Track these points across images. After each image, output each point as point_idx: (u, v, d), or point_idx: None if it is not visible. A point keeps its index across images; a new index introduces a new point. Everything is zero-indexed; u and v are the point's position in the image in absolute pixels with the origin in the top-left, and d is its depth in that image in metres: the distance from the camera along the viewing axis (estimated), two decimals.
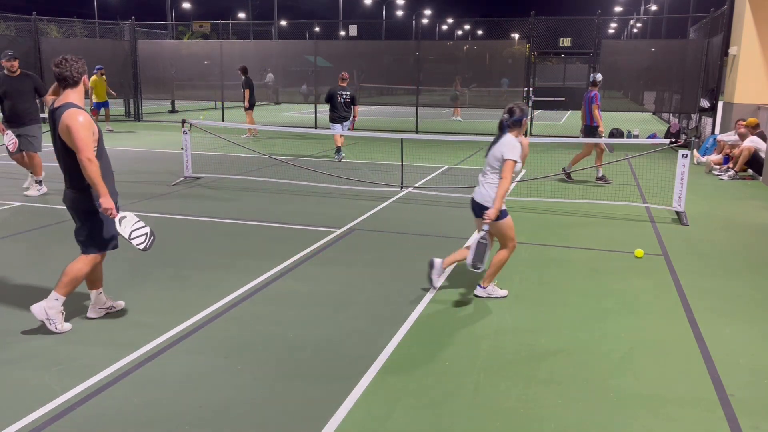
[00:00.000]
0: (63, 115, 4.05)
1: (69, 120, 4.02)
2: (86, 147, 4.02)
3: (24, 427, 3.16)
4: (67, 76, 4.14)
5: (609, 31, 44.86)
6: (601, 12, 17.20)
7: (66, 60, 4.14)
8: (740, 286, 5.48)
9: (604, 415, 3.37)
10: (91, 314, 4.57)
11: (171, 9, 45.42)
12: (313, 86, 20.79)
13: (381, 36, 31.55)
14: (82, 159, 4.02)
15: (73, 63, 4.15)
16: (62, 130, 4.06)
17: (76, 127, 4.00)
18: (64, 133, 4.07)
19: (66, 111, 4.05)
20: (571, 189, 9.68)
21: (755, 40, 13.44)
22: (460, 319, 4.64)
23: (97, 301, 4.57)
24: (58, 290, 4.27)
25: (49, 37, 24.09)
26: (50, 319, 4.24)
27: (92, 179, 4.05)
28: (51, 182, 9.05)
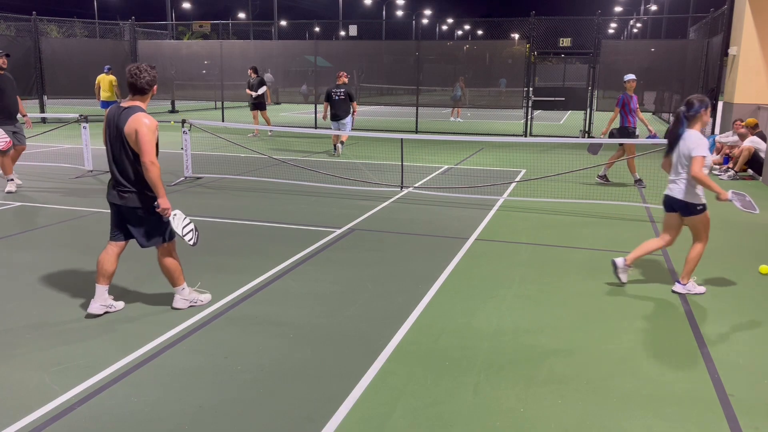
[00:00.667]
0: (130, 118, 4.27)
1: (137, 124, 4.24)
2: (151, 150, 4.28)
3: (24, 427, 3.16)
4: (137, 84, 4.38)
5: (609, 31, 44.88)
6: (601, 12, 17.21)
7: (139, 69, 4.38)
8: (740, 286, 5.49)
9: (604, 415, 3.37)
10: (93, 309, 4.59)
11: (171, 9, 45.42)
12: (313, 86, 20.80)
13: (381, 36, 31.57)
14: (146, 162, 4.27)
15: (146, 74, 4.40)
16: (129, 132, 4.27)
17: (143, 131, 4.23)
18: (130, 132, 4.27)
19: (134, 115, 4.28)
20: (571, 189, 9.68)
21: (755, 40, 13.44)
22: (460, 320, 4.64)
23: (100, 296, 4.63)
24: (176, 285, 4.72)
25: (49, 37, 24.08)
26: (192, 302, 4.75)
27: (153, 181, 4.33)
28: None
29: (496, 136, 17.03)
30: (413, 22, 25.05)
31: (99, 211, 7.99)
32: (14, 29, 21.92)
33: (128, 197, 4.44)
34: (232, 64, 20.56)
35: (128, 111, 4.33)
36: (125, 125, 4.28)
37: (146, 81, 4.39)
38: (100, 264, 4.60)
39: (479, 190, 9.39)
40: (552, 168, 11.02)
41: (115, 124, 4.36)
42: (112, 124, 4.39)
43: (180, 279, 4.72)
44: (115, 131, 4.36)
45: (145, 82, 4.38)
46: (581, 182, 10.32)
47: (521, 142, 16.23)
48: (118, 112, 4.39)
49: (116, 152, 4.40)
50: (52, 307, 4.77)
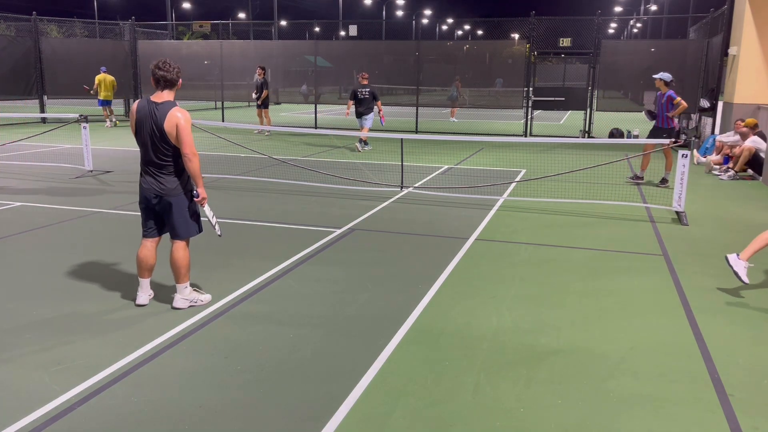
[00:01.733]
0: (168, 112, 4.41)
1: (175, 119, 4.39)
2: (191, 142, 4.45)
3: (24, 427, 3.16)
4: (169, 78, 4.49)
5: (609, 31, 44.87)
6: (601, 12, 17.21)
7: (168, 63, 4.49)
8: (740, 286, 5.48)
9: (604, 415, 3.37)
10: (142, 301, 4.81)
11: (171, 9, 45.42)
12: (313, 86, 20.79)
13: (381, 36, 31.56)
14: (188, 153, 4.43)
15: (174, 66, 4.52)
16: (169, 128, 4.41)
17: (182, 125, 4.39)
18: (170, 129, 4.41)
19: (171, 109, 4.43)
20: (571, 189, 9.68)
21: (755, 40, 13.44)
22: (460, 319, 4.64)
23: (146, 288, 4.85)
24: (180, 282, 4.74)
25: (49, 37, 24.08)
26: (192, 302, 4.76)
27: (194, 171, 4.50)
28: None
29: (496, 136, 17.04)
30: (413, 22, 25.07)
31: (99, 211, 7.99)
32: (14, 29, 21.92)
33: (164, 189, 4.57)
34: (232, 64, 20.55)
35: (164, 106, 4.44)
36: (164, 121, 4.40)
37: (176, 73, 4.52)
38: (141, 261, 4.74)
39: (479, 190, 9.39)
40: (552, 168, 11.02)
41: (150, 119, 4.45)
42: (146, 118, 4.47)
43: (186, 277, 4.75)
44: (152, 126, 4.45)
45: (175, 74, 4.51)
46: (581, 182, 10.32)
47: (521, 142, 16.23)
48: (151, 107, 4.46)
49: (153, 146, 4.50)
50: (52, 307, 4.78)
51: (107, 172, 10.82)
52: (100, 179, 10.23)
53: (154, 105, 4.46)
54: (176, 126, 4.38)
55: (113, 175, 10.59)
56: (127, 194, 9.04)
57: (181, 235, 4.71)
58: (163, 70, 4.45)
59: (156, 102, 4.47)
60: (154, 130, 4.44)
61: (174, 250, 4.74)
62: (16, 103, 24.22)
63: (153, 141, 4.48)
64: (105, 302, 4.88)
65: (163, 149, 4.48)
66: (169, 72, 4.47)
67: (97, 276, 5.50)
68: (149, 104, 4.49)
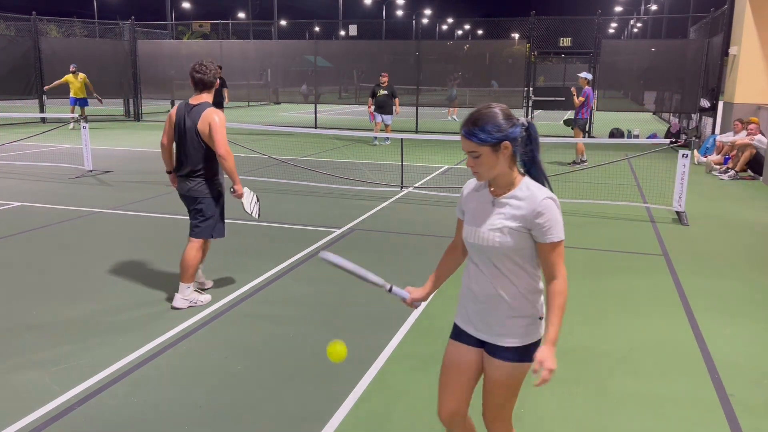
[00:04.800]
0: (203, 113, 4.53)
1: (209, 119, 4.50)
2: (225, 142, 4.54)
3: (24, 427, 3.16)
4: (206, 80, 4.60)
5: (609, 30, 44.86)
6: (601, 12, 17.21)
7: (204, 65, 4.60)
8: (740, 286, 5.48)
9: (604, 415, 3.36)
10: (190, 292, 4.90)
11: (171, 9, 45.42)
12: (313, 86, 20.79)
13: (381, 36, 31.53)
14: (221, 153, 4.53)
15: (211, 68, 4.62)
16: (203, 128, 4.53)
17: (215, 125, 4.49)
18: (203, 128, 4.52)
19: (206, 110, 4.54)
20: (571, 189, 9.67)
21: (755, 40, 13.44)
22: None
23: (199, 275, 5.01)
24: (184, 281, 4.73)
25: (49, 36, 24.08)
26: (192, 300, 4.77)
27: (229, 170, 4.60)
28: None
29: None
30: (413, 21, 25.06)
31: (99, 211, 7.99)
32: (14, 29, 21.93)
33: (195, 187, 4.68)
34: (232, 64, 20.54)
35: (198, 108, 4.56)
36: (199, 121, 4.52)
37: (213, 75, 4.62)
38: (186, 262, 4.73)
39: None
40: (552, 168, 11.01)
41: (186, 120, 4.58)
42: (181, 120, 4.62)
43: (192, 277, 4.77)
44: (186, 127, 4.59)
45: (212, 75, 4.61)
46: (581, 182, 10.32)
47: None
48: (187, 109, 4.60)
49: (188, 146, 4.62)
50: (52, 307, 4.77)
51: (107, 172, 10.82)
52: (99, 179, 10.23)
53: (190, 107, 4.60)
54: (209, 125, 4.48)
55: (113, 175, 10.59)
56: (127, 194, 9.04)
57: (197, 233, 4.78)
58: (200, 72, 4.57)
59: (192, 104, 4.61)
60: (189, 130, 4.56)
61: (188, 248, 4.77)
62: (16, 103, 24.22)
63: (187, 142, 4.60)
64: (105, 302, 4.88)
65: (196, 150, 4.59)
66: (206, 74, 4.57)
67: (96, 276, 5.50)
68: (186, 107, 4.63)
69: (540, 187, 2.25)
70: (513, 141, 2.17)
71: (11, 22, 22.30)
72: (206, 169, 4.66)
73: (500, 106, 2.18)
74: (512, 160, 2.23)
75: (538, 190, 2.23)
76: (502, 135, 2.15)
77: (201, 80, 4.58)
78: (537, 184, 2.27)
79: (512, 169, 2.24)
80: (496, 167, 2.20)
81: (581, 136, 12.13)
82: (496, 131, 2.14)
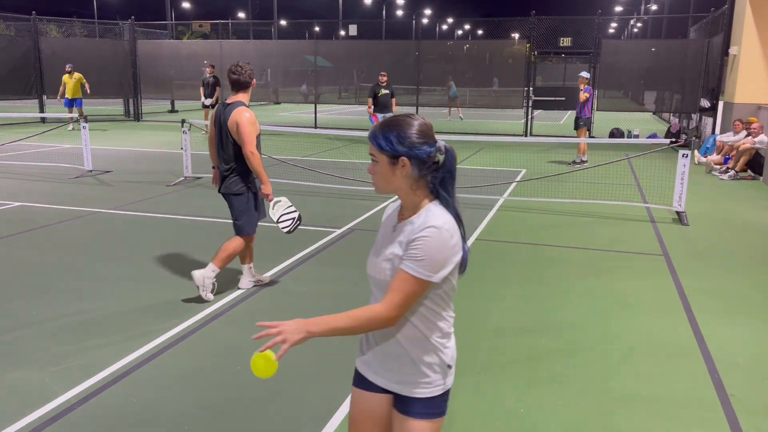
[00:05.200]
0: (234, 111, 4.64)
1: (238, 117, 4.61)
2: (251, 141, 4.63)
3: (24, 427, 3.16)
4: (241, 80, 4.73)
5: (609, 30, 44.86)
6: (602, 12, 17.21)
7: (241, 66, 4.74)
8: (740, 286, 5.48)
9: (604, 415, 3.36)
10: (242, 285, 5.13)
11: (171, 9, 45.42)
12: (313, 86, 20.78)
13: (381, 36, 31.52)
14: (247, 152, 4.63)
15: (247, 68, 4.75)
16: (231, 125, 4.63)
17: (243, 123, 4.59)
18: (232, 126, 4.63)
19: (238, 108, 4.65)
20: (571, 189, 9.67)
21: (756, 40, 13.44)
22: (460, 319, 4.63)
23: (247, 273, 5.15)
24: (215, 263, 4.83)
25: (49, 36, 24.08)
26: (204, 286, 4.83)
27: (255, 168, 4.70)
28: None
29: (496, 136, 17.03)
30: (413, 21, 25.07)
31: (99, 211, 7.99)
32: (14, 29, 21.93)
33: (228, 184, 4.82)
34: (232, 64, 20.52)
35: (232, 106, 4.69)
36: (229, 119, 4.64)
37: (249, 75, 4.74)
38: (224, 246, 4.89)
39: (479, 190, 9.38)
40: (552, 168, 11.01)
41: (221, 118, 4.72)
42: (218, 119, 4.76)
43: (222, 262, 4.86)
44: (220, 125, 4.73)
45: (248, 76, 4.74)
46: (581, 182, 10.32)
47: (521, 142, 16.23)
48: (223, 108, 4.74)
49: (220, 145, 4.78)
50: (52, 307, 4.77)
51: (107, 172, 10.82)
52: (99, 179, 10.23)
53: (225, 106, 4.74)
54: (237, 123, 4.58)
55: (113, 175, 10.59)
56: (126, 194, 9.04)
57: (236, 231, 4.93)
58: (236, 73, 4.70)
59: (228, 103, 4.74)
60: (223, 128, 4.70)
61: (233, 237, 4.95)
62: (16, 103, 24.22)
63: (221, 140, 4.75)
64: (105, 302, 4.88)
65: (228, 148, 4.71)
66: (241, 75, 4.71)
67: (96, 276, 5.50)
68: (223, 105, 4.76)
69: (438, 216, 1.90)
70: (415, 160, 1.88)
71: (11, 22, 22.30)
72: (237, 166, 4.76)
73: (422, 121, 1.92)
74: (418, 182, 1.93)
75: (433, 217, 1.89)
76: (403, 149, 1.87)
77: (237, 81, 4.72)
78: (442, 211, 1.93)
79: (416, 191, 1.94)
80: (392, 182, 1.92)
81: (585, 136, 12.10)
82: (398, 143, 1.87)
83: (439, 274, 1.90)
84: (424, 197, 1.96)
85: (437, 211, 1.92)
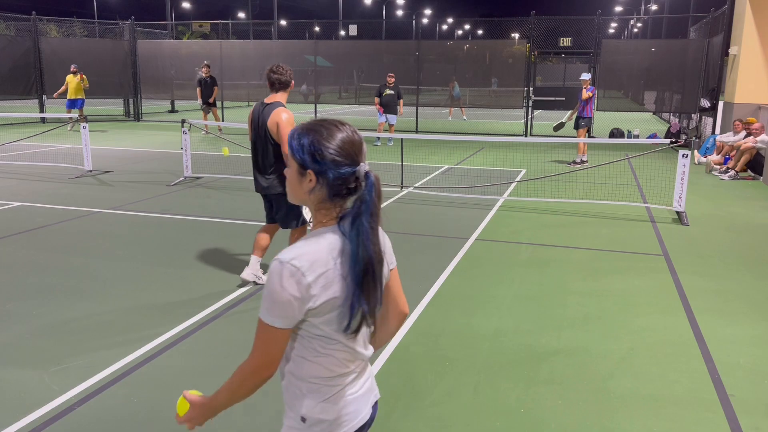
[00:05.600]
0: (273, 111, 4.74)
1: (277, 117, 4.70)
2: None
3: (24, 428, 3.16)
4: (282, 80, 4.83)
5: (609, 30, 44.87)
6: (602, 12, 17.21)
7: (281, 67, 4.85)
8: (741, 286, 5.48)
9: (604, 415, 3.36)
10: (245, 275, 5.16)
11: (171, 9, 45.41)
12: (313, 86, 20.78)
13: (381, 36, 31.53)
14: (285, 151, 4.52)
15: (286, 69, 4.86)
16: (271, 125, 4.73)
17: (282, 123, 4.68)
18: (272, 126, 4.73)
19: (277, 108, 4.75)
20: (571, 189, 9.68)
21: (756, 40, 13.44)
22: (460, 319, 4.64)
23: (254, 264, 5.16)
24: (255, 253, 5.08)
25: (49, 36, 24.08)
26: (259, 277, 5.14)
27: None
28: None
29: (496, 136, 17.03)
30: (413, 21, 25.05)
31: (98, 211, 7.99)
32: (14, 29, 21.91)
33: (269, 184, 4.91)
34: (232, 64, 20.54)
35: (271, 106, 4.77)
36: (269, 119, 4.73)
37: (289, 76, 4.85)
38: (256, 239, 5.13)
39: (479, 190, 9.39)
40: (552, 168, 11.01)
41: (259, 119, 4.81)
42: (257, 119, 4.84)
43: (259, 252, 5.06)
44: (259, 125, 4.81)
45: (288, 76, 4.84)
46: (581, 182, 10.32)
47: (521, 142, 16.23)
48: (261, 108, 4.83)
49: (261, 144, 4.86)
50: (51, 307, 4.77)
51: (107, 172, 10.82)
52: (99, 179, 10.23)
53: (264, 106, 4.83)
54: (277, 124, 4.67)
55: (113, 175, 10.59)
56: (126, 194, 9.04)
57: (284, 227, 5.03)
58: (277, 73, 4.80)
59: (266, 103, 4.83)
60: (262, 128, 4.78)
61: (289, 238, 5.07)
62: (16, 103, 24.22)
63: (260, 140, 4.84)
64: (105, 302, 4.88)
65: (268, 146, 4.81)
66: (282, 75, 4.81)
67: (96, 276, 5.50)
68: (261, 105, 4.85)
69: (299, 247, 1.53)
70: (323, 177, 1.55)
71: (11, 22, 22.28)
72: (277, 166, 4.83)
73: (348, 135, 1.58)
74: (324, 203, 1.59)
75: (292, 248, 1.54)
76: (312, 163, 1.55)
77: (277, 80, 4.81)
78: (317, 240, 1.56)
79: (321, 211, 1.61)
80: (297, 193, 1.62)
81: (585, 136, 12.11)
82: (309, 153, 1.55)
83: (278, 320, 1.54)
84: (327, 222, 1.61)
85: (308, 241, 1.56)
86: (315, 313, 1.54)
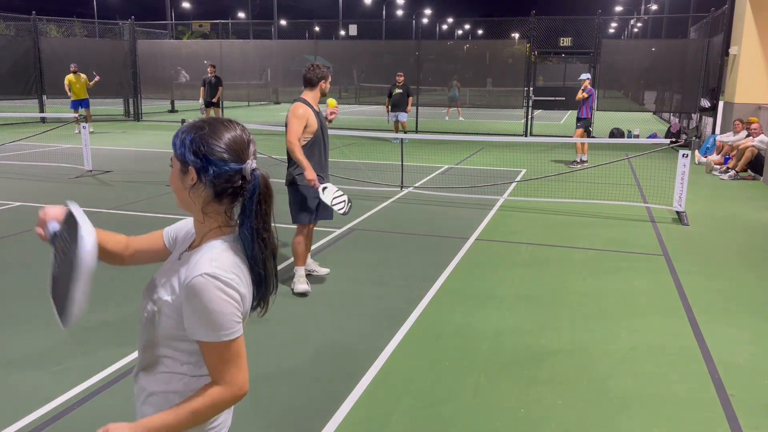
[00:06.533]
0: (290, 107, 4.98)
1: (290, 110, 4.95)
2: (291, 132, 4.88)
3: (24, 428, 3.16)
4: (307, 77, 5.04)
5: (609, 30, 44.88)
6: (602, 12, 17.21)
7: (313, 65, 5.06)
8: (741, 286, 5.48)
9: (604, 415, 3.36)
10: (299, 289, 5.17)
11: (171, 9, 45.42)
12: None
13: (381, 35, 31.53)
14: (286, 141, 4.93)
15: (318, 69, 5.05)
16: (286, 118, 4.98)
17: (290, 116, 4.92)
18: (285, 120, 4.98)
19: (294, 103, 4.98)
20: (571, 189, 9.67)
21: (756, 39, 13.44)
22: (460, 319, 4.64)
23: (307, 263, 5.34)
24: (297, 263, 5.19)
25: (49, 36, 24.08)
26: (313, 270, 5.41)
27: (295, 156, 4.91)
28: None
29: (496, 136, 17.03)
30: (413, 21, 25.06)
31: (98, 211, 7.99)
32: (14, 29, 21.91)
33: (287, 175, 5.10)
34: (232, 63, 20.53)
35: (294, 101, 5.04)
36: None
37: (317, 75, 5.01)
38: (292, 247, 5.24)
39: (479, 190, 9.39)
40: (552, 168, 11.01)
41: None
42: None
43: (298, 261, 5.15)
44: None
45: (315, 75, 5.01)
46: (581, 182, 10.32)
47: (521, 142, 16.23)
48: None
49: None
50: (51, 307, 4.76)
51: (106, 172, 10.82)
52: (99, 179, 10.23)
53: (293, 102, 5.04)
54: (287, 116, 4.93)
55: (112, 175, 10.59)
56: (126, 194, 9.04)
57: (292, 220, 5.17)
58: (310, 72, 5.03)
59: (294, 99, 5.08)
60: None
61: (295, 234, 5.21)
62: (16, 103, 24.22)
63: None
64: (105, 302, 4.88)
65: None
66: (307, 72, 5.03)
67: (96, 276, 5.48)
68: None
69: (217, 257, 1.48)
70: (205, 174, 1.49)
71: (11, 22, 22.28)
72: (289, 158, 5.03)
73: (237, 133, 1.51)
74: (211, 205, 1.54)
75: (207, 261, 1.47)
76: (194, 159, 1.48)
77: (304, 77, 5.04)
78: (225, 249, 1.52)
79: (207, 215, 1.55)
80: (180, 195, 1.58)
81: (583, 136, 12.10)
82: (190, 148, 1.49)
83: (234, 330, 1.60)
84: (215, 226, 1.56)
85: (217, 250, 1.50)
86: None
